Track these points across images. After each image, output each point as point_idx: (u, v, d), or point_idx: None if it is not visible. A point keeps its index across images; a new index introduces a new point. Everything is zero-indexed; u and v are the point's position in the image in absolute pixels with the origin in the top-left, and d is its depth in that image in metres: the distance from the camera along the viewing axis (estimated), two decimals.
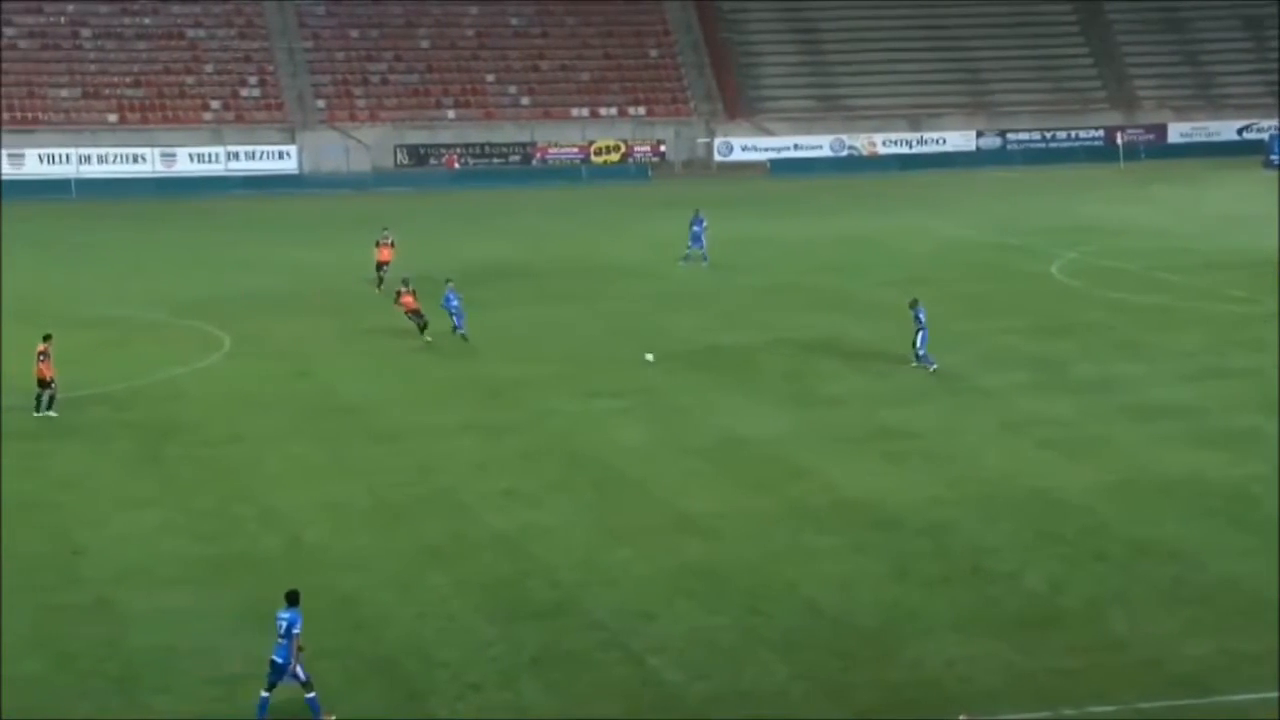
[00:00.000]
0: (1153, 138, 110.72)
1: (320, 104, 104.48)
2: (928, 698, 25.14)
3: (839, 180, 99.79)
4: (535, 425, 41.19)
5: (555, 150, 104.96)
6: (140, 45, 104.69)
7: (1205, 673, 25.91)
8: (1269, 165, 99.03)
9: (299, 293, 60.85)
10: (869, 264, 66.03)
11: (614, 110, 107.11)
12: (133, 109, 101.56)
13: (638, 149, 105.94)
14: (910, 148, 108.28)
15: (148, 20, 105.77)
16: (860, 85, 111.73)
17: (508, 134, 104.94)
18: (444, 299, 51.13)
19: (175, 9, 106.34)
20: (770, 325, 53.57)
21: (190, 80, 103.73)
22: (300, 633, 24.32)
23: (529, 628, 27.91)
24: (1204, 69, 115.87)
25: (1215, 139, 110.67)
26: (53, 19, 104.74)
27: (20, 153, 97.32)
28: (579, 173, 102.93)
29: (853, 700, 25.21)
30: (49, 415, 41.48)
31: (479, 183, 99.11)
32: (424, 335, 50.88)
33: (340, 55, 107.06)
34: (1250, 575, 29.84)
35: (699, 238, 65.42)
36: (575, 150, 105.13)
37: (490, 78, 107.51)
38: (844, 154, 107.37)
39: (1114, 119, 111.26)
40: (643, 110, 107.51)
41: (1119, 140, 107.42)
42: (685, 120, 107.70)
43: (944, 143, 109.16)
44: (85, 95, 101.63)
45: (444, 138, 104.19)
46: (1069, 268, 64.15)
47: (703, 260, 65.22)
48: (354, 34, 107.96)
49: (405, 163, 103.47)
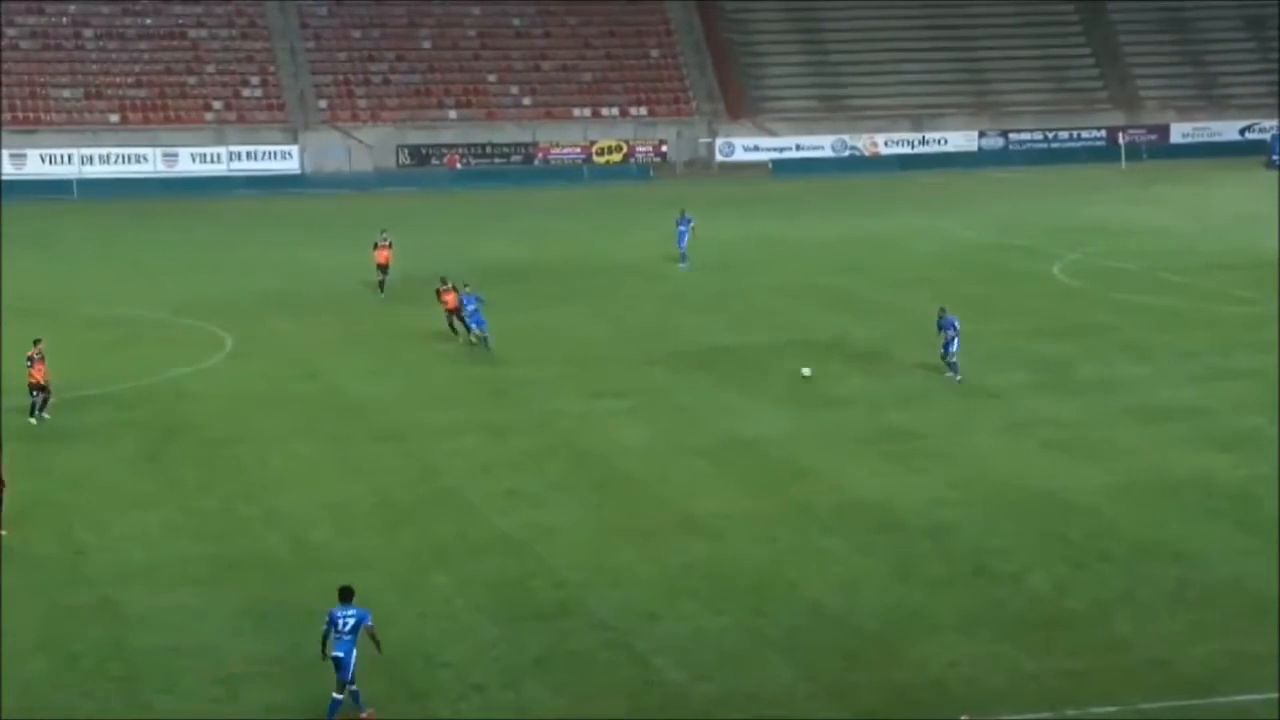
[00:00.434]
0: (1155, 138, 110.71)
1: (322, 104, 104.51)
2: (932, 698, 25.13)
3: (841, 180, 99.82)
4: (540, 425, 41.18)
5: (557, 150, 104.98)
6: (142, 45, 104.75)
7: (1210, 674, 25.89)
8: (1270, 165, 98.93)
9: (302, 293, 60.85)
10: (871, 265, 65.98)
11: (616, 110, 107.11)
12: (135, 109, 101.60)
13: (639, 149, 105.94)
14: (912, 148, 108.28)
15: (149, 20, 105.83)
16: (863, 85, 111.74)
17: (509, 134, 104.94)
18: (462, 302, 50.39)
19: (177, 9, 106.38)
20: (773, 326, 53.54)
21: (192, 80, 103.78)
22: (374, 625, 24.68)
23: (532, 628, 27.90)
24: (1207, 69, 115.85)
25: (1218, 139, 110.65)
26: (55, 19, 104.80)
27: (22, 153, 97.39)
28: (581, 173, 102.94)
29: (856, 701, 25.19)
30: (43, 418, 41.23)
31: (481, 183, 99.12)
32: (458, 337, 50.20)
33: (342, 55, 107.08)
34: (1255, 576, 29.80)
35: (684, 237, 65.37)
36: (577, 150, 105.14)
37: (492, 78, 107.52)
38: (846, 154, 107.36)
39: (1116, 119, 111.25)
40: (644, 110, 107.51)
41: (1121, 141, 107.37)
42: (687, 120, 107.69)
43: (946, 143, 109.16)
44: (87, 95, 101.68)
45: (446, 138, 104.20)
46: (1071, 268, 64.11)
47: (679, 260, 64.99)
48: (356, 34, 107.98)
49: (407, 163, 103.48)
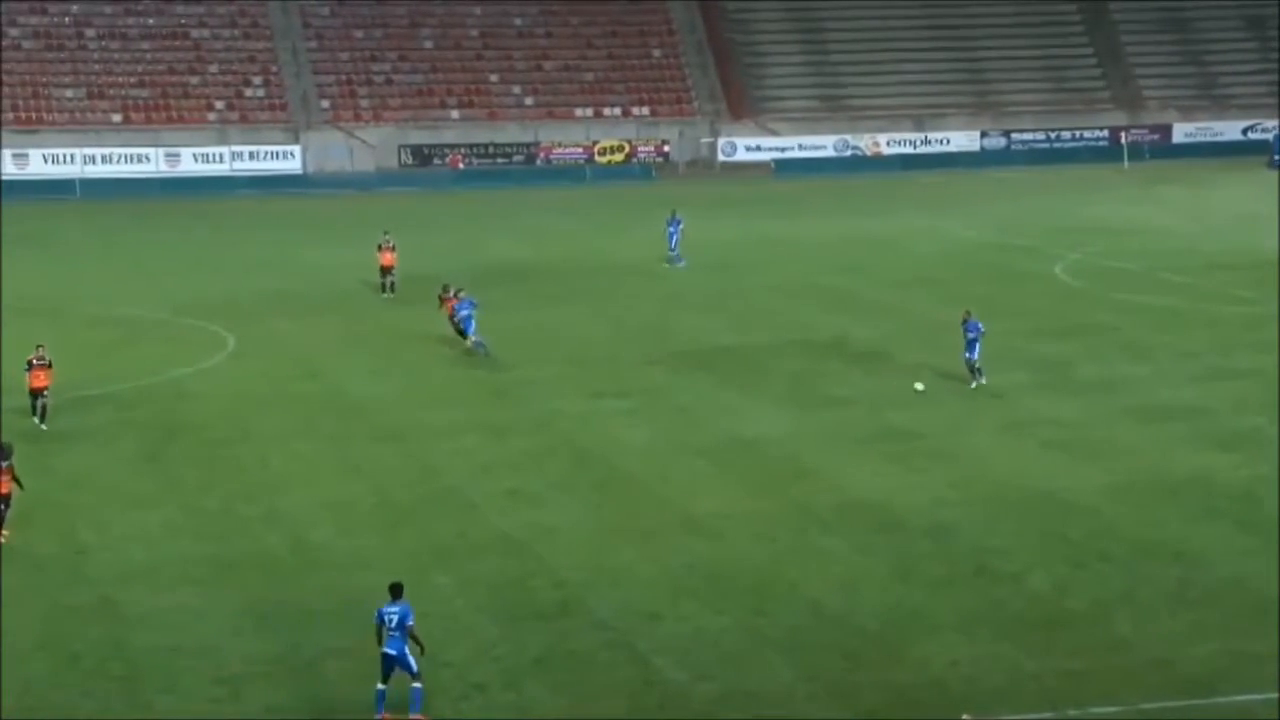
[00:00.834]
0: (1157, 138, 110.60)
1: (324, 104, 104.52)
2: (932, 698, 25.13)
3: (843, 180, 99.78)
4: (540, 425, 41.20)
5: (559, 150, 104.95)
6: (145, 45, 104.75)
7: (1210, 674, 25.88)
8: (1272, 165, 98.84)
9: (304, 293, 60.87)
10: (873, 264, 65.97)
11: (618, 110, 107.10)
12: (137, 109, 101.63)
13: (641, 149, 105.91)
14: (914, 148, 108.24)
15: (152, 20, 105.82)
16: (864, 85, 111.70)
17: (511, 134, 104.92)
18: (456, 306, 50.02)
19: (179, 9, 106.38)
20: (775, 326, 53.54)
21: (195, 80, 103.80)
22: (414, 624, 24.71)
23: (533, 628, 27.92)
24: (1209, 69, 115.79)
25: (1220, 139, 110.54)
26: (57, 19, 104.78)
27: (25, 153, 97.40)
28: (583, 173, 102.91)
29: (857, 701, 25.20)
30: (40, 427, 40.88)
31: (483, 183, 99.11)
32: (466, 342, 49.83)
33: (344, 55, 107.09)
34: (1256, 576, 29.79)
35: (673, 238, 65.54)
36: (579, 150, 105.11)
37: (494, 78, 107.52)
38: (848, 154, 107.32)
39: (1118, 119, 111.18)
40: (646, 110, 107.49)
41: (1123, 140, 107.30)
42: (689, 120, 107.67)
43: (948, 143, 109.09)
44: (90, 95, 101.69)
45: (448, 138, 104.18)
46: (1073, 268, 64.10)
47: (668, 260, 65.28)
48: (358, 34, 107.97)
49: (409, 163, 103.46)
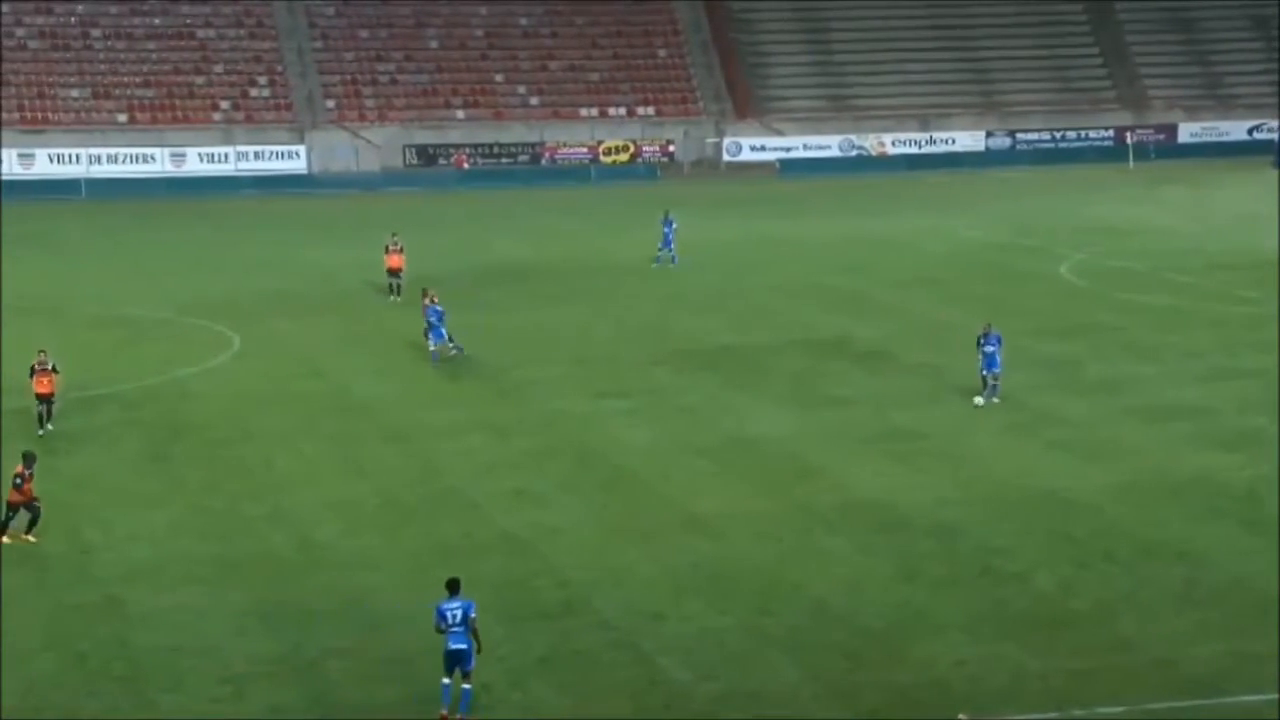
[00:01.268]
0: (1163, 138, 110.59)
1: (329, 104, 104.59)
2: (936, 698, 25.11)
3: (848, 180, 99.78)
4: (543, 425, 41.21)
5: (564, 150, 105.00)
6: (150, 45, 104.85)
7: (1214, 674, 25.87)
8: (1277, 165, 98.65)
9: (308, 293, 60.89)
10: (878, 264, 65.94)
11: (623, 110, 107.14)
12: (142, 109, 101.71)
13: (646, 149, 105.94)
14: (919, 148, 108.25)
15: (157, 20, 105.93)
16: (870, 85, 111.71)
17: (517, 134, 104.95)
18: (426, 310, 48.90)
19: (185, 9, 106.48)
20: (779, 326, 53.54)
21: (200, 80, 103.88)
22: (476, 617, 24.67)
23: (538, 627, 27.93)
24: (1214, 69, 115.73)
25: (1225, 139, 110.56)
26: (63, 19, 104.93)
27: (30, 153, 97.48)
28: (588, 173, 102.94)
29: (861, 701, 25.19)
30: (47, 429, 40.58)
31: (488, 183, 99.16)
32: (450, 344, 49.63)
33: (349, 55, 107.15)
34: (1260, 576, 29.76)
35: (669, 239, 65.67)
36: (584, 150, 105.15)
37: (499, 78, 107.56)
38: (853, 154, 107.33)
39: (1124, 119, 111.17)
40: (651, 110, 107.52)
41: (1129, 140, 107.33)
42: (694, 120, 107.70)
43: (953, 143, 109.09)
44: (95, 95, 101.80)
45: (453, 138, 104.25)
46: (1078, 268, 64.06)
47: (671, 261, 65.30)
48: (363, 34, 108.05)
49: (414, 163, 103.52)
